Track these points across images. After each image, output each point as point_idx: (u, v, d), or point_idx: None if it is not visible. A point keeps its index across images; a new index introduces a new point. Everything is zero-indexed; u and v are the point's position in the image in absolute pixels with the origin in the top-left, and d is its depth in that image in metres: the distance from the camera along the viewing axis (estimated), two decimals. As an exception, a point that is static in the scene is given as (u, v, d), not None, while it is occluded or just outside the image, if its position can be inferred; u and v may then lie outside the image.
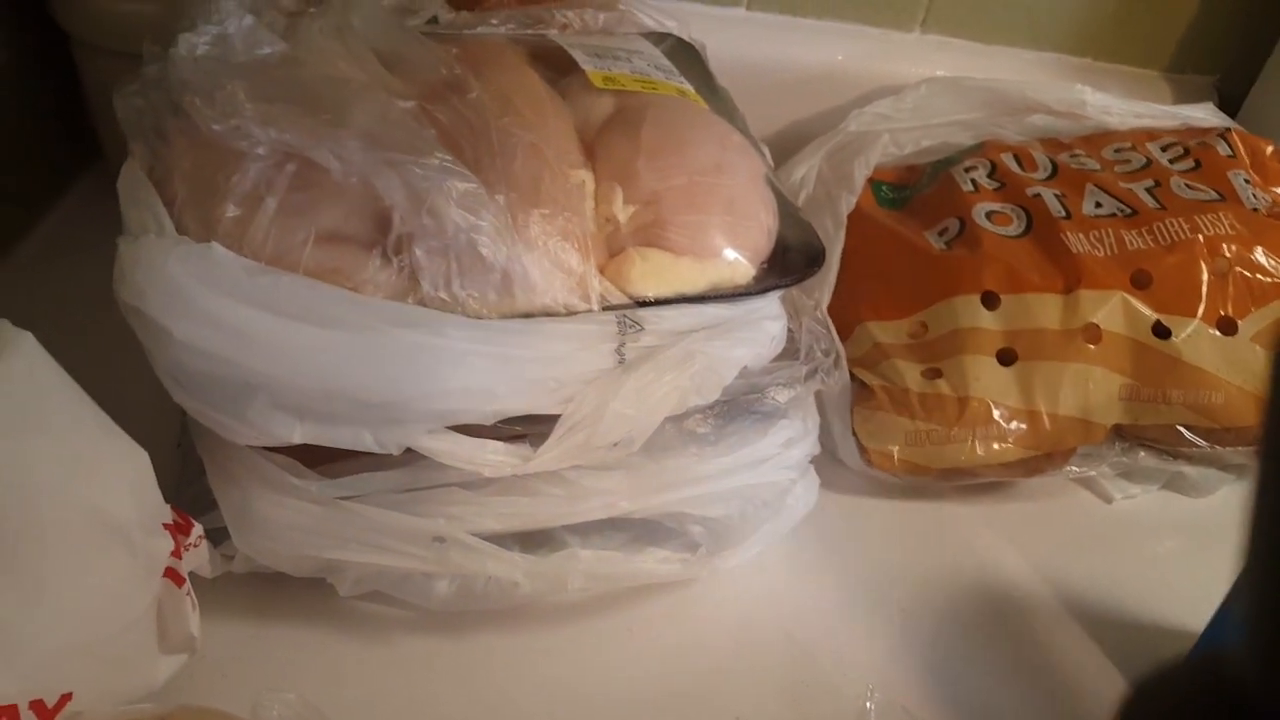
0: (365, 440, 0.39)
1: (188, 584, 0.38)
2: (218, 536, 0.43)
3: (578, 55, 0.49)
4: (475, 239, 0.38)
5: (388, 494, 0.42)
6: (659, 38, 0.56)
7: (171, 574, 0.38)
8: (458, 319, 0.38)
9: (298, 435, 0.38)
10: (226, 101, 0.38)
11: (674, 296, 0.42)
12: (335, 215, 0.39)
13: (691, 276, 0.42)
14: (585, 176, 0.43)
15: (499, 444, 0.40)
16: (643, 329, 0.40)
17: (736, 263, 0.43)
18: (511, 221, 0.39)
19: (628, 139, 0.44)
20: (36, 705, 0.33)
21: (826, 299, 0.59)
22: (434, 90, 0.43)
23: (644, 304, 0.41)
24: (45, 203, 0.66)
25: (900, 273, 0.61)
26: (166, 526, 0.38)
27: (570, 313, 0.40)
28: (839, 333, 0.59)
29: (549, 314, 0.40)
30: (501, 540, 0.44)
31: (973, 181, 0.64)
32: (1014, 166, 0.65)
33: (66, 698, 0.34)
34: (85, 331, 0.49)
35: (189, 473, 0.45)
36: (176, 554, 0.38)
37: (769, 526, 0.48)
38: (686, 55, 0.56)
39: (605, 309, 0.40)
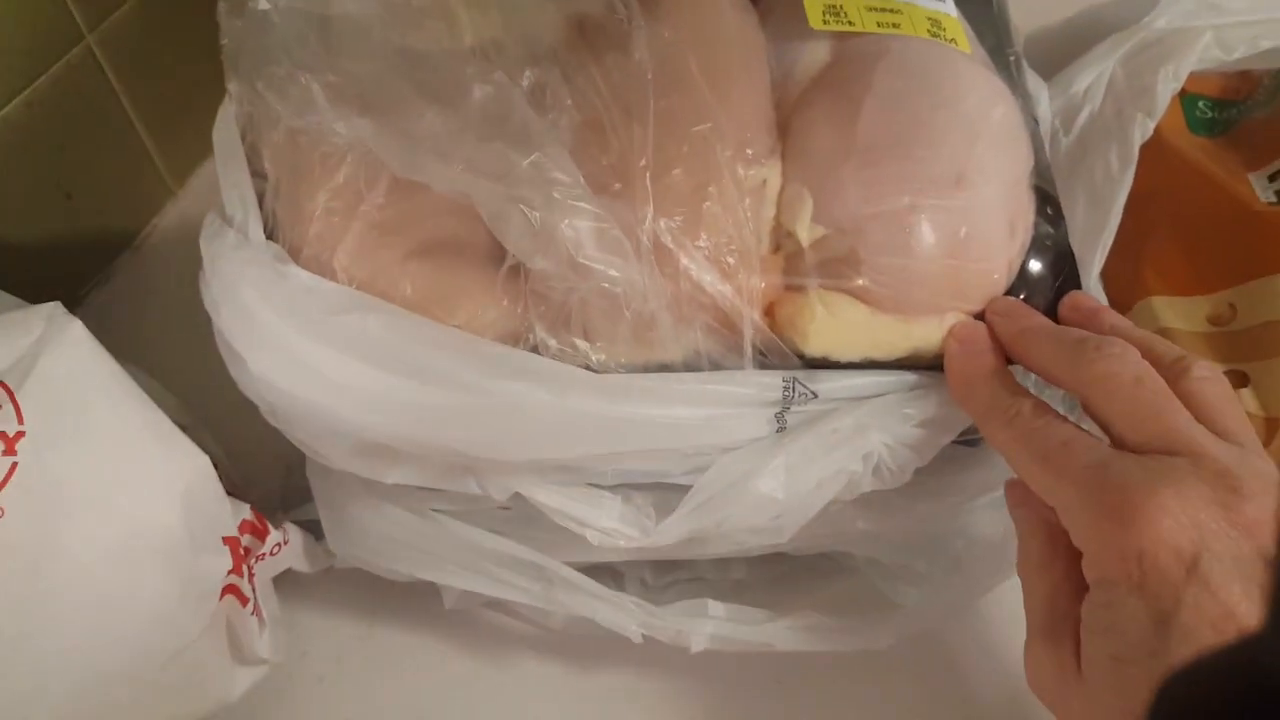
0: (470, 486, 0.34)
1: (253, 602, 0.35)
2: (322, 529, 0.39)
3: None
4: (604, 286, 0.31)
5: (491, 512, 0.36)
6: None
7: (233, 591, 0.34)
8: (580, 374, 0.32)
9: (392, 478, 0.34)
10: (301, 97, 0.31)
11: (861, 361, 0.33)
12: (446, 219, 0.33)
13: (889, 339, 0.33)
14: (769, 173, 0.34)
15: (616, 506, 0.35)
16: (816, 397, 0.32)
17: (952, 320, 0.34)
18: (654, 258, 0.31)
19: (836, 126, 0.34)
20: (74, 734, 0.30)
21: (1100, 261, 0.45)
22: (588, 38, 0.35)
23: (819, 365, 0.33)
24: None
25: (1207, 230, 0.47)
26: (227, 540, 0.34)
27: (716, 367, 0.32)
28: (1114, 305, 0.45)
29: (691, 368, 0.32)
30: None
31: (1331, 107, 0.47)
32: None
33: (106, 727, 0.31)
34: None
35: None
36: (237, 570, 0.34)
37: (971, 582, 0.37)
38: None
39: (770, 367, 0.33)
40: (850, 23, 0.36)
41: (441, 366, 0.31)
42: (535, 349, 0.32)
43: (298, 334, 0.31)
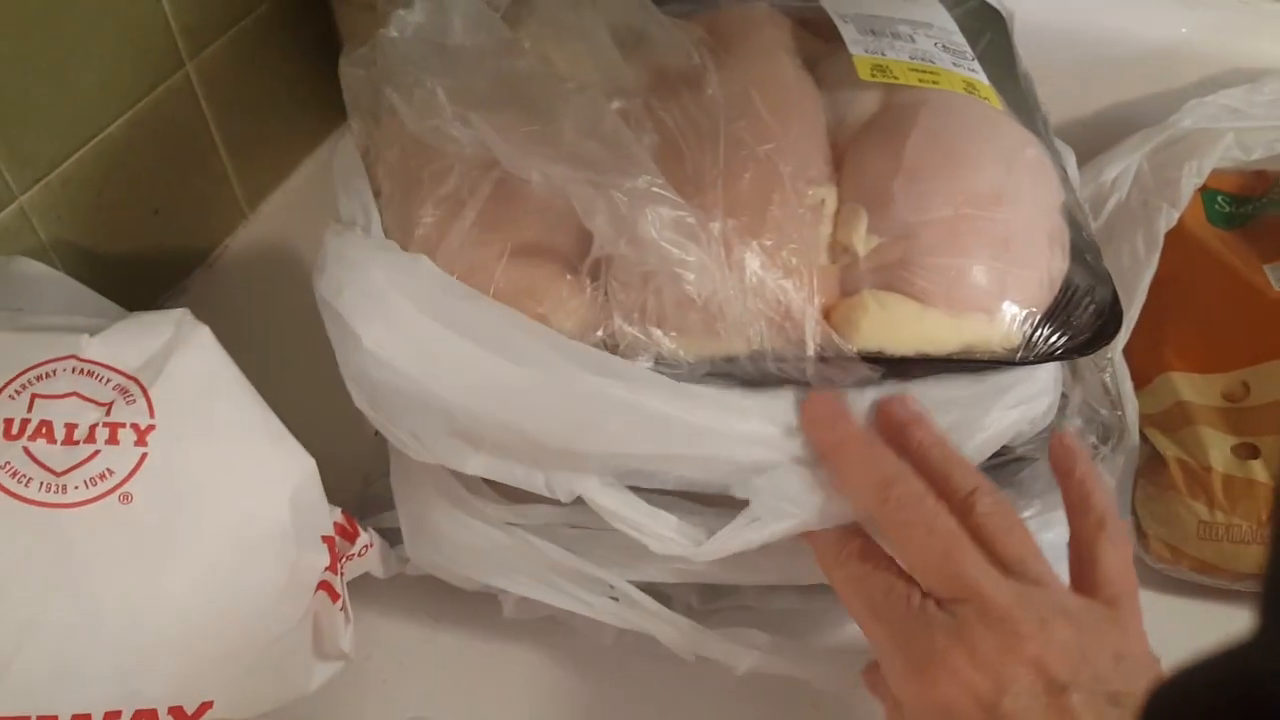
0: (538, 482, 0.37)
1: (343, 599, 0.37)
2: (397, 536, 0.42)
3: (847, 32, 0.42)
4: (679, 273, 0.33)
5: (560, 528, 0.39)
6: (959, -1, 0.48)
7: (326, 587, 0.37)
8: (656, 377, 0.35)
9: (471, 466, 0.37)
10: (425, 100, 0.35)
11: (914, 356, 0.36)
12: (536, 227, 0.37)
13: (939, 333, 0.36)
14: (826, 194, 0.37)
15: (671, 519, 0.37)
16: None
17: (1001, 320, 0.36)
18: (725, 254, 0.34)
19: (886, 152, 0.38)
20: (176, 711, 0.34)
21: (1125, 337, 0.49)
22: (667, 82, 0.39)
23: (874, 361, 0.35)
24: (293, 160, 0.67)
25: (1223, 314, 0.50)
26: (325, 539, 0.37)
27: (779, 360, 0.34)
28: (1135, 378, 0.50)
29: (756, 360, 0.35)
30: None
31: (1340, 206, 0.51)
32: (1402, 192, 0.51)
33: (207, 705, 0.34)
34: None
35: (384, 464, 0.44)
36: (332, 568, 0.37)
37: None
38: (989, 25, 0.48)
39: (827, 361, 0.35)
40: (895, 77, 0.40)
41: (536, 352, 0.34)
42: (613, 335, 0.35)
43: (418, 313, 0.34)
